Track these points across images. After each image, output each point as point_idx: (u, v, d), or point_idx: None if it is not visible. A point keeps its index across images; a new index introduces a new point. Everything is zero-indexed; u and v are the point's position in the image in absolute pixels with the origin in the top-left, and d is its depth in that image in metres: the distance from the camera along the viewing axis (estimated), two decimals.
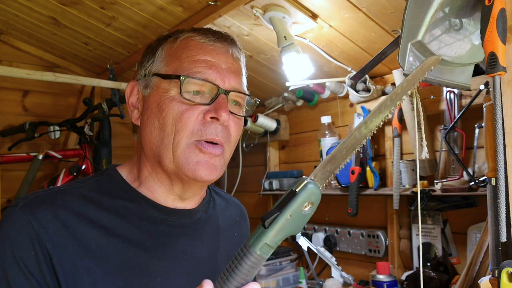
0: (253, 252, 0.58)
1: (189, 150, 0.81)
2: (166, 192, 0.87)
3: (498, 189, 0.85)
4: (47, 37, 2.33)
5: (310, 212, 0.61)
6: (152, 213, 0.85)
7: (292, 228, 0.60)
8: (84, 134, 2.34)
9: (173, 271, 0.83)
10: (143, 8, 1.80)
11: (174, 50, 0.87)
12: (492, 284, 0.92)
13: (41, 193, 0.80)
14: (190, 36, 0.87)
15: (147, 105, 0.87)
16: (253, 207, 2.63)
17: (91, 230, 0.78)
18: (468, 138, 1.60)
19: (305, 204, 0.60)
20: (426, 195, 1.60)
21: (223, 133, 0.84)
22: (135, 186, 0.87)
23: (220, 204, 1.02)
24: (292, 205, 0.60)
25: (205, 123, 0.82)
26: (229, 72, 0.86)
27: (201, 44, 0.86)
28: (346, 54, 1.84)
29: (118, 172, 0.89)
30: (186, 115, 0.81)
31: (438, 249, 1.73)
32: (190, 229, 0.90)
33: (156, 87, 0.85)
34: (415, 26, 0.91)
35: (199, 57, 0.84)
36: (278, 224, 0.59)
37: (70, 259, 0.74)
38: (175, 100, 0.82)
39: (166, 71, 0.85)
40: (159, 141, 0.83)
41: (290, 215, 0.59)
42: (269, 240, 0.59)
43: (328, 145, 2.08)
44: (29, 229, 0.74)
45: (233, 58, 0.88)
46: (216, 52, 0.86)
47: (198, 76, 0.82)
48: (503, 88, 0.89)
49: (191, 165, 0.81)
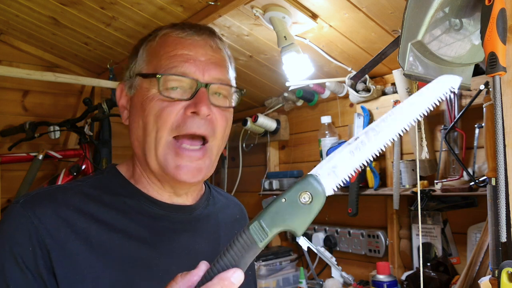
0: (245, 231, 0.58)
1: (168, 150, 0.82)
2: (159, 190, 0.88)
3: (498, 189, 0.85)
4: (47, 37, 2.33)
5: (310, 206, 0.60)
6: (152, 209, 0.86)
7: (289, 217, 0.59)
8: (84, 134, 2.34)
9: (174, 266, 0.83)
10: (143, 8, 1.80)
11: (154, 48, 0.87)
12: (492, 284, 0.92)
13: (42, 190, 0.81)
14: (168, 33, 0.87)
15: (132, 105, 0.89)
16: (253, 207, 2.63)
17: (91, 226, 0.79)
18: (468, 138, 1.60)
19: (301, 193, 0.60)
20: (426, 195, 1.60)
21: (206, 126, 0.83)
22: (133, 183, 0.89)
23: (220, 201, 1.03)
24: (287, 191, 0.60)
25: (186, 117, 0.81)
26: (209, 64, 0.84)
27: (178, 39, 0.86)
28: (346, 54, 1.84)
29: (118, 170, 0.91)
30: (166, 111, 0.81)
31: (438, 249, 1.73)
32: (190, 225, 0.90)
33: (139, 87, 0.86)
34: (415, 26, 0.91)
35: (175, 52, 0.84)
36: (272, 206, 0.59)
37: (70, 255, 0.75)
38: (156, 98, 0.82)
39: (147, 70, 0.86)
40: (143, 140, 0.84)
41: (284, 199, 0.59)
42: (263, 220, 0.58)
43: (328, 145, 2.08)
44: (28, 225, 0.74)
45: (213, 50, 0.87)
46: (194, 45, 0.85)
47: (175, 71, 0.82)
48: (503, 88, 0.89)
49: (171, 169, 0.81)
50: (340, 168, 0.64)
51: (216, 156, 0.89)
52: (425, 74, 0.95)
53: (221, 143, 0.89)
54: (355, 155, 0.64)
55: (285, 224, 0.59)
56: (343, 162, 0.64)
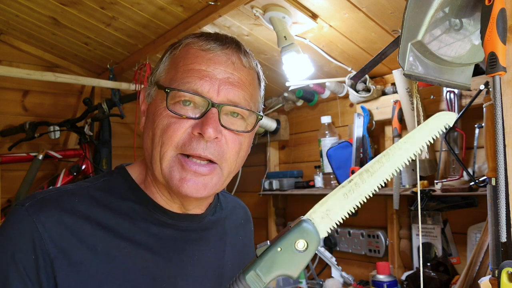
0: (241, 279, 0.59)
1: (173, 164, 0.78)
2: (169, 201, 0.85)
3: (498, 189, 0.85)
4: (47, 37, 2.33)
5: (306, 253, 0.60)
6: (160, 217, 0.84)
7: (284, 265, 0.59)
8: (84, 134, 2.34)
9: (180, 275, 0.82)
10: (143, 8, 1.80)
11: (175, 58, 0.83)
12: (492, 284, 0.92)
13: (48, 194, 0.79)
14: (191, 43, 0.83)
15: (147, 114, 0.86)
16: (253, 207, 2.63)
17: (97, 233, 0.77)
18: (468, 138, 1.60)
19: (297, 241, 0.60)
20: (426, 195, 1.60)
21: (213, 149, 0.78)
22: (143, 188, 0.86)
23: (226, 207, 1.00)
24: (282, 239, 0.60)
25: (192, 138, 0.77)
26: (226, 84, 0.79)
27: (199, 52, 0.81)
28: (346, 54, 1.84)
29: (128, 172, 0.87)
30: (172, 128, 0.78)
31: (438, 249, 1.73)
32: (197, 234, 0.88)
33: (155, 97, 0.83)
34: (415, 26, 0.91)
35: (193, 66, 0.79)
36: (267, 255, 0.59)
37: (74, 264, 0.74)
38: (165, 112, 0.79)
39: (164, 80, 0.82)
40: (151, 152, 0.81)
41: (280, 248, 0.60)
42: (259, 270, 0.59)
43: (328, 145, 2.08)
44: (32, 232, 0.73)
45: (235, 67, 0.81)
46: (214, 61, 0.80)
47: (187, 87, 0.77)
48: (503, 88, 0.89)
49: (175, 181, 0.78)
50: (334, 211, 0.64)
51: (227, 176, 0.84)
52: (425, 74, 0.95)
53: (233, 166, 0.84)
54: (348, 197, 0.64)
55: (281, 271, 0.60)
56: (337, 205, 0.64)
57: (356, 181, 0.64)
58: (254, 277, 0.59)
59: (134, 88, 2.31)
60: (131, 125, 2.84)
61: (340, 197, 0.64)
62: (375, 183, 0.64)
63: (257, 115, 0.84)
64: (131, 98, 2.31)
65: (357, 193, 0.64)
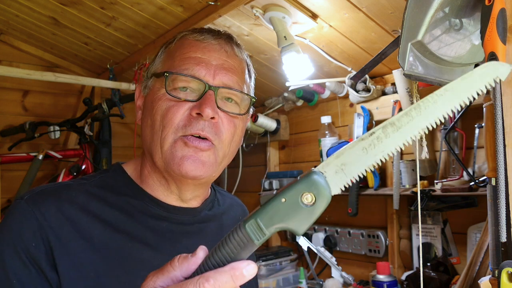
0: (241, 227, 0.54)
1: (175, 144, 0.82)
2: (166, 192, 0.88)
3: (498, 189, 0.85)
4: (47, 37, 2.33)
5: (312, 208, 0.54)
6: (156, 210, 0.86)
7: (288, 217, 0.54)
8: (84, 134, 2.34)
9: None
10: (143, 8, 1.80)
11: (171, 50, 0.89)
12: (492, 284, 0.92)
13: (47, 187, 0.82)
14: (186, 35, 0.88)
15: (145, 105, 0.90)
16: (253, 207, 2.60)
17: (95, 225, 0.79)
18: (468, 138, 1.60)
19: (304, 194, 0.54)
20: (426, 195, 1.60)
21: (210, 129, 0.82)
22: (139, 183, 0.89)
23: (224, 204, 1.03)
24: (288, 189, 0.54)
25: (191, 118, 0.81)
26: (220, 69, 0.85)
27: (194, 42, 0.87)
28: (346, 54, 1.84)
29: (123, 169, 0.91)
30: (172, 110, 0.82)
31: (438, 249, 1.73)
32: (194, 227, 0.90)
33: (152, 86, 0.88)
34: (415, 26, 0.91)
35: (189, 55, 0.85)
36: (270, 204, 0.54)
37: (72, 253, 0.75)
38: (164, 97, 0.83)
39: (161, 70, 0.87)
40: (150, 138, 0.85)
41: (284, 198, 0.54)
42: (260, 219, 0.54)
43: (328, 145, 2.08)
44: (32, 221, 0.75)
45: (228, 55, 0.87)
46: (208, 49, 0.86)
47: (186, 72, 0.83)
48: (503, 88, 0.89)
49: (177, 159, 0.81)
50: (350, 166, 0.55)
51: (222, 159, 0.87)
52: (425, 74, 0.95)
53: (227, 149, 0.87)
54: (368, 152, 0.55)
55: (284, 224, 0.54)
56: (354, 160, 0.55)
57: (379, 134, 0.54)
58: (254, 226, 0.54)
59: (134, 88, 2.31)
60: (131, 125, 2.84)
61: (358, 151, 0.55)
62: (401, 139, 0.54)
63: (250, 98, 0.91)
64: (131, 98, 2.31)
65: (378, 149, 0.54)
